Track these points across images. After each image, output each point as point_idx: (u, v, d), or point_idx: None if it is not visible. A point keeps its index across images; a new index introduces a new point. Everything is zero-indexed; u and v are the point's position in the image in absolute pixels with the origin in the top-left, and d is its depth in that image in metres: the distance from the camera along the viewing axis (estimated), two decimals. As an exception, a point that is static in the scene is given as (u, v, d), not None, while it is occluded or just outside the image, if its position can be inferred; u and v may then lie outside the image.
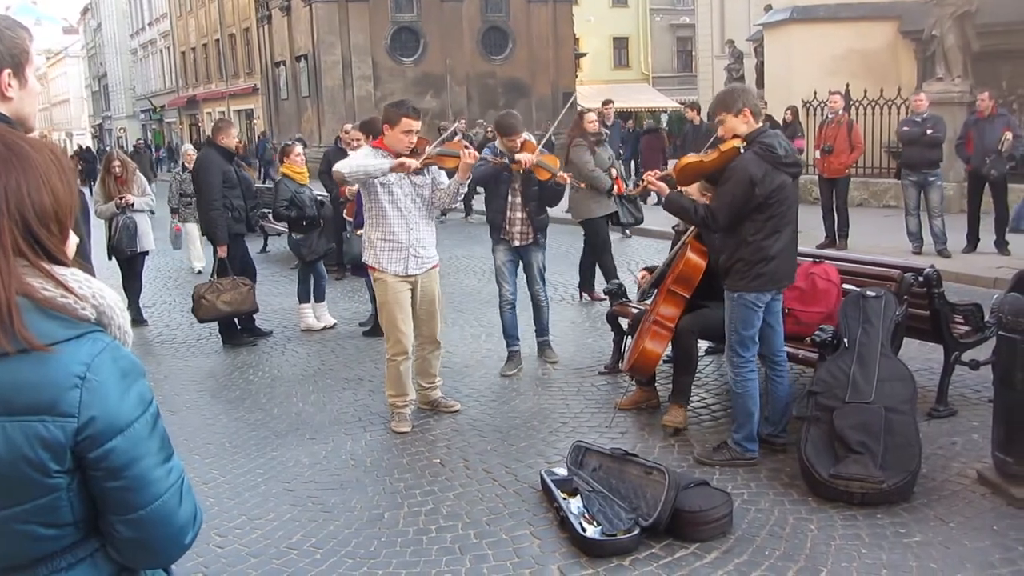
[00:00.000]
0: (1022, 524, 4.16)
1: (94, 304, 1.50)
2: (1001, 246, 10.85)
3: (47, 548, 1.49)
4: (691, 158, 5.19)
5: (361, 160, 5.63)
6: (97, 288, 1.52)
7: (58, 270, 1.49)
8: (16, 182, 1.48)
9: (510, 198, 6.75)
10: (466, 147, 5.87)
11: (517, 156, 6.45)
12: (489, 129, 19.49)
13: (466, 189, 5.92)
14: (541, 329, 7.24)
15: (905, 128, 11.22)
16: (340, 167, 5.58)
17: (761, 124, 4.86)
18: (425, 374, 6.15)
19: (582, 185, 7.91)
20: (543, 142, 6.94)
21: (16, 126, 1.98)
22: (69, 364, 1.43)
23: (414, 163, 5.55)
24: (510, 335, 7.07)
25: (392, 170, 5.54)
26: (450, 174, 5.89)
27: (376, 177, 5.58)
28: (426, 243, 5.85)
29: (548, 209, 7.01)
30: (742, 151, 4.79)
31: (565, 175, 6.61)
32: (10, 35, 2.01)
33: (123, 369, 1.49)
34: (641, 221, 10.09)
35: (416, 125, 5.66)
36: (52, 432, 1.41)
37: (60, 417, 1.42)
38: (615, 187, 8.90)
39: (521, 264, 7.03)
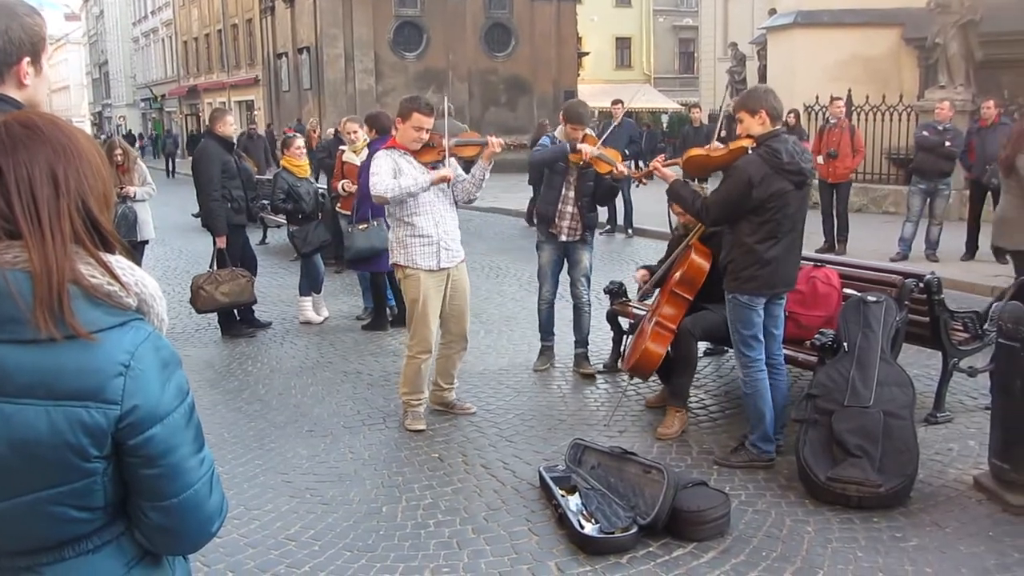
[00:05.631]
0: (1017, 530, 4.19)
1: (136, 292, 1.52)
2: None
3: (76, 530, 1.51)
4: (699, 150, 5.24)
5: (392, 182, 5.44)
6: (140, 276, 1.54)
7: (107, 257, 1.51)
8: (76, 168, 1.50)
9: (564, 191, 6.55)
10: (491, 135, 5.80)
11: (579, 146, 6.30)
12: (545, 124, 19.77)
13: (488, 175, 5.72)
14: (581, 340, 6.94)
15: (925, 133, 11.12)
16: (380, 191, 5.45)
17: (777, 127, 4.86)
18: (446, 374, 6.01)
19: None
20: (602, 139, 6.77)
21: None
22: (113, 352, 1.45)
23: (450, 174, 5.52)
24: (545, 331, 7.01)
25: (433, 184, 5.47)
26: (471, 163, 5.84)
27: (416, 195, 5.49)
28: (454, 236, 5.73)
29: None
30: (750, 151, 4.82)
31: (621, 168, 6.36)
32: (29, 22, 2.00)
33: (164, 359, 1.51)
34: None
35: (428, 122, 5.57)
36: (95, 418, 1.43)
37: (104, 404, 1.44)
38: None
39: (567, 264, 6.82)
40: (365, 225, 7.86)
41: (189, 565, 1.76)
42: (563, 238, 6.65)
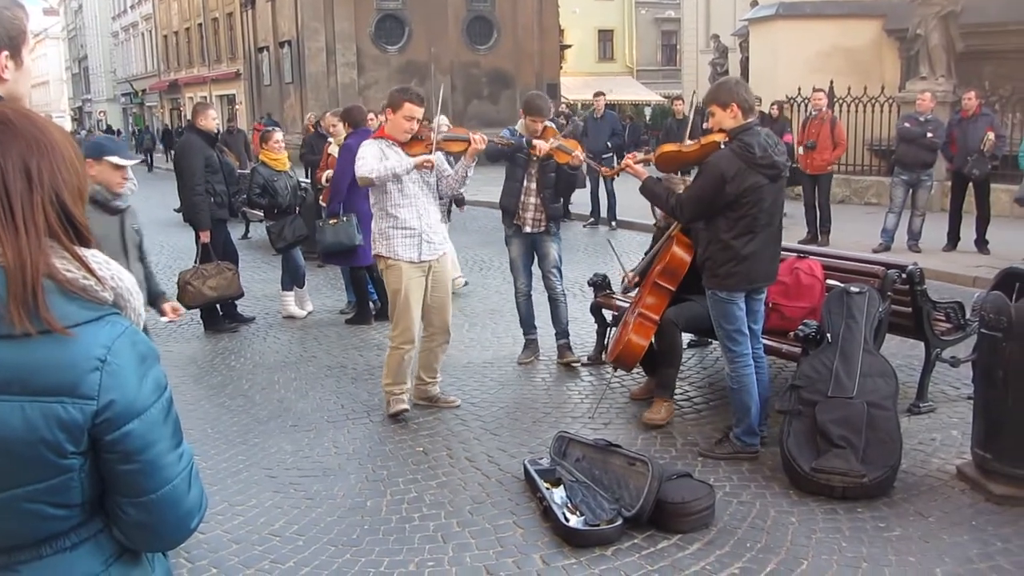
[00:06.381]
0: (1000, 519, 4.21)
1: (112, 286, 1.50)
2: (981, 245, 10.94)
3: (53, 528, 1.48)
4: (671, 146, 5.22)
5: (377, 164, 5.49)
6: (116, 270, 1.51)
7: (82, 251, 1.48)
8: (49, 162, 1.48)
9: (525, 183, 6.60)
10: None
11: (535, 142, 6.34)
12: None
13: (471, 172, 5.80)
14: (561, 331, 6.93)
15: (907, 124, 11.15)
16: (364, 172, 5.46)
17: (749, 120, 4.79)
18: (429, 368, 6.00)
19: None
20: (563, 132, 6.80)
21: None
22: (89, 347, 1.43)
23: (433, 159, 5.53)
24: (527, 324, 7.04)
25: (417, 167, 5.49)
26: (457, 159, 5.86)
27: (401, 175, 5.51)
28: (436, 229, 5.73)
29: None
30: (722, 146, 4.79)
31: (580, 156, 6.37)
32: (9, 16, 1.98)
33: (141, 354, 1.49)
34: None
35: (418, 112, 5.61)
36: (71, 414, 1.41)
37: (80, 399, 1.41)
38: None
39: (536, 257, 6.86)
40: (335, 220, 7.84)
41: (168, 562, 1.74)
42: (528, 230, 6.70)
